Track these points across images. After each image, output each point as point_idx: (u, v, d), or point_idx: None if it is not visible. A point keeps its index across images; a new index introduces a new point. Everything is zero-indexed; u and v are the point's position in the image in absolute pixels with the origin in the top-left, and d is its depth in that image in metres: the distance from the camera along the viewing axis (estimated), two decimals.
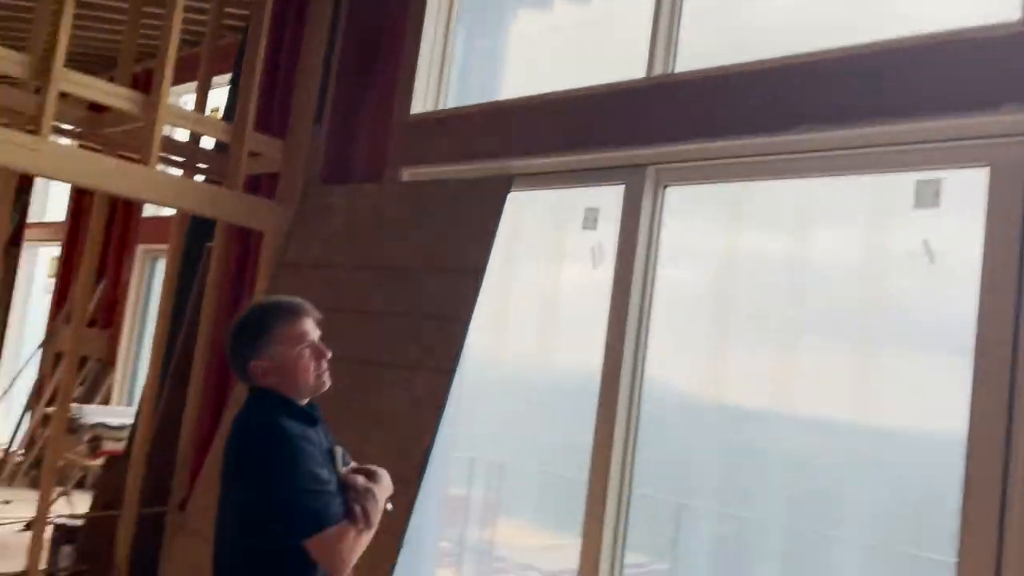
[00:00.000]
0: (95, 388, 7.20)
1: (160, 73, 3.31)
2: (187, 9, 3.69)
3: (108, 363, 7.34)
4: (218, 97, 5.02)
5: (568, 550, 3.05)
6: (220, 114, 4.86)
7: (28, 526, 5.52)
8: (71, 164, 3.10)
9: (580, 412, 3.02)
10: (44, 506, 3.49)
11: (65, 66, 3.12)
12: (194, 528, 3.34)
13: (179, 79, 3.63)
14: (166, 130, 3.48)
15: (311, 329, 1.97)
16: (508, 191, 3.09)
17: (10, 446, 7.28)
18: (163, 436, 3.85)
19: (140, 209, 7.39)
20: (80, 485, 6.55)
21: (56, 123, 3.48)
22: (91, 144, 3.97)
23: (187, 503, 3.52)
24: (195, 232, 4.11)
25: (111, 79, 3.49)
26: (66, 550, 4.07)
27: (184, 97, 6.46)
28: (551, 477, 3.56)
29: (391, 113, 3.71)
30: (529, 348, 3.63)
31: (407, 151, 3.63)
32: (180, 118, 3.64)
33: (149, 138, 3.26)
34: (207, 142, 4.10)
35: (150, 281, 7.42)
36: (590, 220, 3.25)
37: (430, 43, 3.71)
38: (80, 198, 7.88)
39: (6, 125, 3.27)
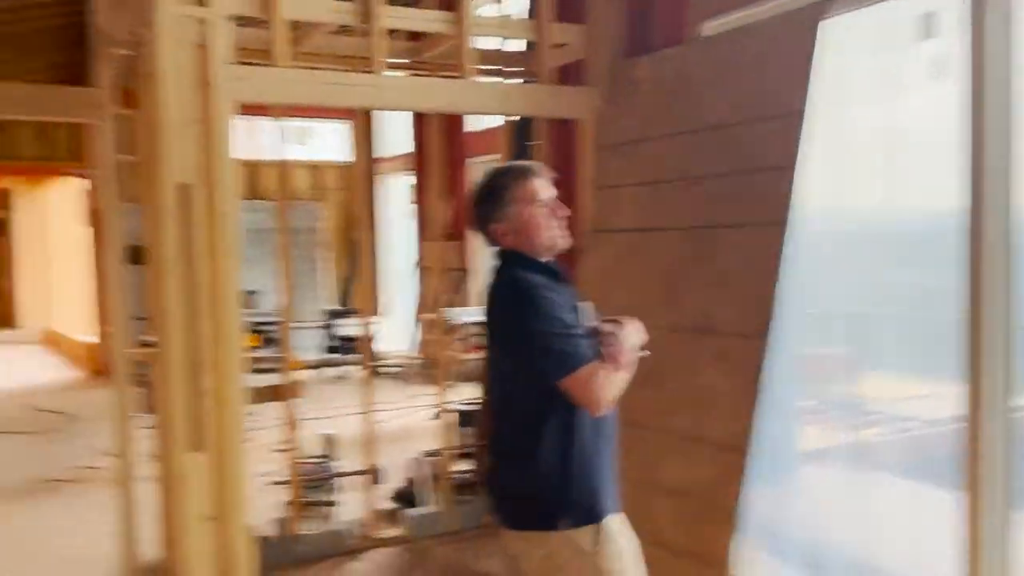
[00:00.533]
0: (460, 293, 8.06)
1: None
2: None
3: (466, 270, 8.15)
4: (516, 4, 5.16)
5: (944, 398, 2.84)
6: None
7: (438, 415, 6.46)
8: (403, 93, 3.43)
9: (937, 253, 2.74)
10: (442, 396, 4.05)
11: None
12: None
13: None
14: (477, 44, 3.67)
15: (543, 188, 2.03)
16: (820, 19, 2.82)
17: (408, 353, 8.48)
18: None
19: (463, 125, 7.89)
20: (468, 377, 7.44)
21: (386, 60, 3.85)
22: (417, 71, 4.33)
23: None
24: (520, 135, 4.34)
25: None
26: (466, 431, 4.70)
27: (485, 9, 6.73)
28: (916, 324, 3.30)
29: None
30: (873, 190, 3.35)
31: (705, 4, 3.46)
32: (487, 26, 3.82)
33: (460, 51, 3.47)
34: (516, 46, 4.26)
35: None
36: (927, 29, 2.85)
37: None
38: (419, 128, 8.68)
39: (345, 71, 3.69)
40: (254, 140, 9.74)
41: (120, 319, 3.76)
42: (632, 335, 1.97)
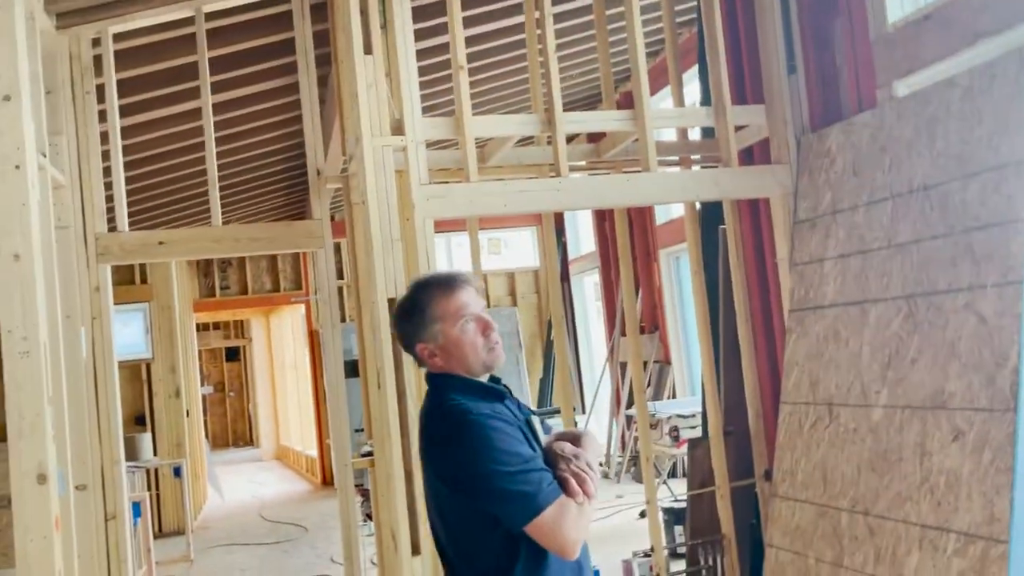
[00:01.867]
0: (660, 386, 7.91)
1: (638, 85, 3.57)
2: (643, 23, 3.92)
3: (664, 362, 8.02)
4: (690, 93, 5.22)
5: None
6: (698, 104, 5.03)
7: (642, 514, 6.27)
8: (589, 191, 3.52)
9: None
10: (651, 493, 3.93)
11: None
12: (783, 492, 3.44)
13: (651, 89, 3.87)
14: (656, 136, 3.73)
15: (471, 301, 1.75)
16: None
17: (608, 449, 8.36)
18: (733, 415, 4.07)
19: (654, 218, 7.98)
20: (673, 472, 7.21)
21: (568, 163, 3.99)
22: (597, 171, 4.44)
23: (771, 471, 3.64)
24: (707, 221, 4.30)
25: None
26: (678, 529, 4.52)
27: (660, 104, 6.84)
28: None
29: (866, 32, 3.44)
30: None
31: (894, 64, 3.32)
32: (665, 119, 3.87)
33: (644, 145, 3.53)
34: (694, 134, 4.29)
35: (679, 280, 7.93)
36: None
37: None
38: (601, 226, 8.83)
39: (530, 178, 3.86)
40: (452, 254, 10.32)
41: (341, 431, 4.02)
42: (595, 452, 1.70)
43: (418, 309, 1.74)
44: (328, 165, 4.22)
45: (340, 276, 8.66)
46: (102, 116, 3.77)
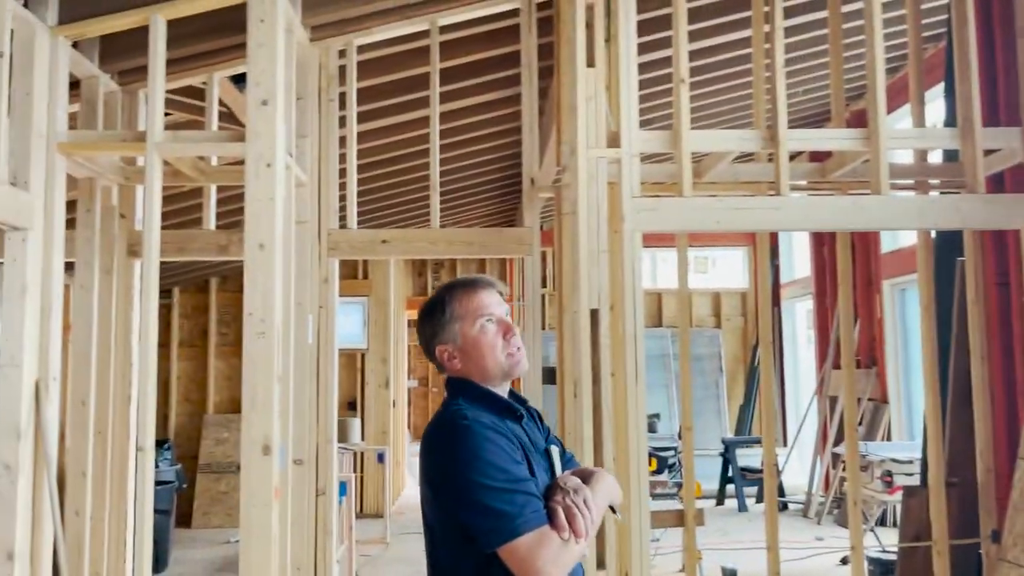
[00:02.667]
0: (873, 426, 7.35)
1: (873, 103, 3.34)
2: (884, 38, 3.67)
3: (880, 400, 7.44)
4: (929, 113, 4.81)
5: None
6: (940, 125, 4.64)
7: (844, 560, 5.85)
8: (811, 212, 3.33)
9: None
10: (857, 540, 3.66)
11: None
12: (1013, 558, 3.07)
13: (888, 107, 3.61)
14: (889, 157, 3.47)
15: (493, 303, 1.67)
16: None
17: (810, 488, 7.89)
18: (957, 465, 3.69)
19: (879, 245, 7.46)
20: (882, 520, 6.67)
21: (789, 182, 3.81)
22: (819, 191, 4.20)
23: (999, 533, 3.27)
24: (942, 251, 3.95)
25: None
26: None
27: (895, 124, 6.39)
28: None
29: None
30: None
31: None
32: (903, 139, 3.59)
33: (876, 167, 3.29)
34: (933, 156, 3.94)
35: (903, 313, 7.35)
36: None
37: None
38: (819, 250, 8.37)
39: (746, 195, 3.71)
40: (656, 269, 10.20)
41: None
42: (603, 493, 1.56)
43: (439, 308, 1.68)
44: (541, 175, 4.30)
45: (543, 284, 8.82)
46: (341, 122, 4.08)
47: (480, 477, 1.45)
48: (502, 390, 1.67)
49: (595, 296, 3.18)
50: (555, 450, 1.67)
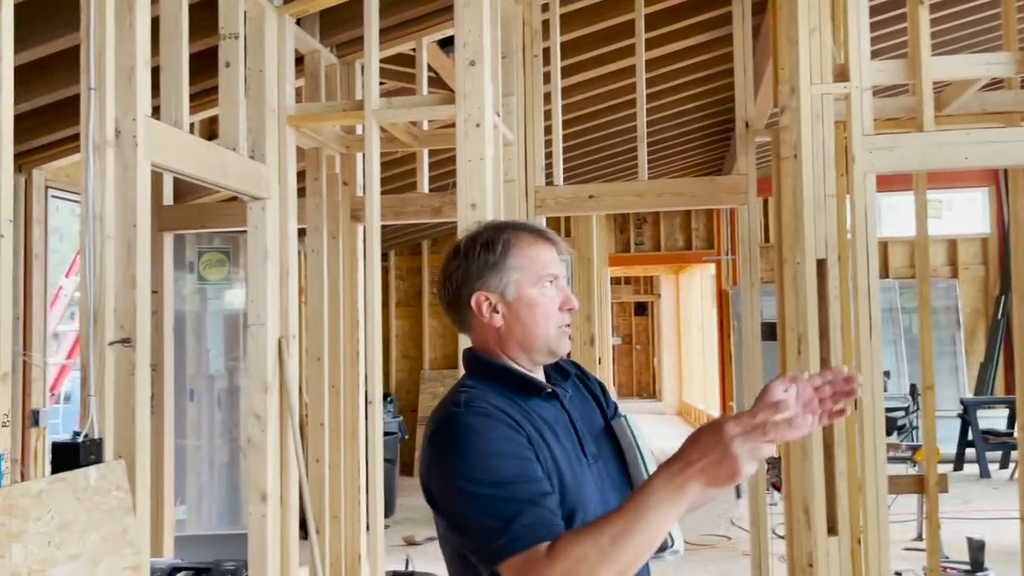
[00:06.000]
0: None
1: None
2: None
3: None
4: None
5: None
6: None
7: None
8: None
9: None
10: None
11: None
12: None
13: None
14: None
15: (558, 265, 1.34)
16: None
17: None
18: None
19: None
20: None
21: None
22: None
23: None
24: None
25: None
26: None
27: None
28: None
29: None
30: None
31: None
32: None
33: None
34: None
35: None
36: None
37: None
38: None
39: (998, 127, 3.28)
40: (881, 216, 9.41)
41: (751, 395, 3.89)
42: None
43: (490, 247, 1.32)
44: (755, 119, 4.05)
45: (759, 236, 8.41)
46: (545, 78, 4.04)
47: (462, 481, 1.18)
48: (535, 367, 1.36)
49: (821, 245, 2.95)
50: (624, 423, 1.41)
